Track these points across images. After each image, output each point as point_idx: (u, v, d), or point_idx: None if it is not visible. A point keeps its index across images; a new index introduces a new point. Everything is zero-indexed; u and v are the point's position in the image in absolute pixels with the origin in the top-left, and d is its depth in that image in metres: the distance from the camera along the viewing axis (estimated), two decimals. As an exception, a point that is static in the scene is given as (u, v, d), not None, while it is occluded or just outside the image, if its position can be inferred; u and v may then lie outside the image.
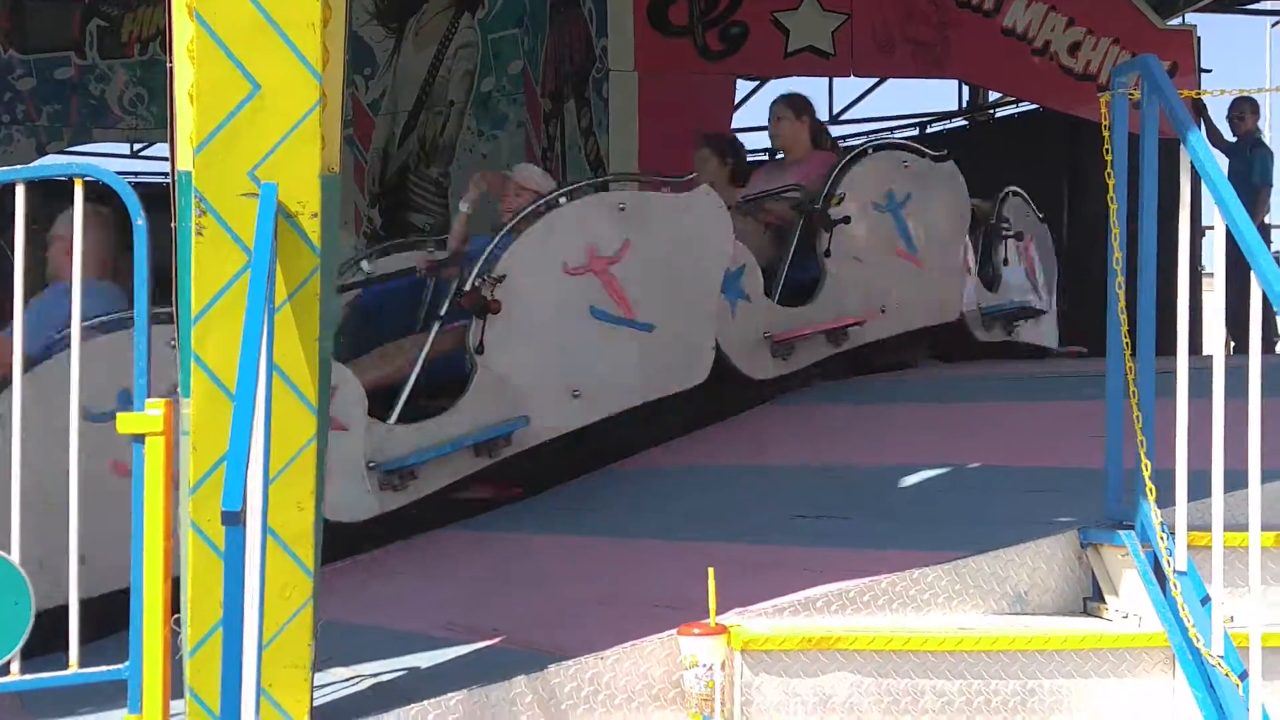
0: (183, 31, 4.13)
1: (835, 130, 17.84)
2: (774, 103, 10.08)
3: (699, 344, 8.27)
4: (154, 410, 4.37)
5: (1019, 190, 11.19)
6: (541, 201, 8.00)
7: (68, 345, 4.88)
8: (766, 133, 10.45)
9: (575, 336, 7.84)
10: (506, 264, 7.71)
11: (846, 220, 9.21)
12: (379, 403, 7.41)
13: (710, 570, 4.54)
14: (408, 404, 7.50)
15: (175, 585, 4.32)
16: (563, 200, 8.00)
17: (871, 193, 9.43)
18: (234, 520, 3.41)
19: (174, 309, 4.26)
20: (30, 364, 5.70)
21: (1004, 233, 10.75)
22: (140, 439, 4.37)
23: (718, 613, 4.57)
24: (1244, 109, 13.20)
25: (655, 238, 8.09)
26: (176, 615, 4.30)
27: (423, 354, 7.59)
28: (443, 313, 7.72)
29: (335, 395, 6.95)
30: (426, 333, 7.72)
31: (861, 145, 9.89)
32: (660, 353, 8.07)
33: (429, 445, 7.43)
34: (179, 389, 4.22)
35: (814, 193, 9.29)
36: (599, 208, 8.12)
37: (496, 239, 7.83)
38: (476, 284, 7.61)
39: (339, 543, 6.72)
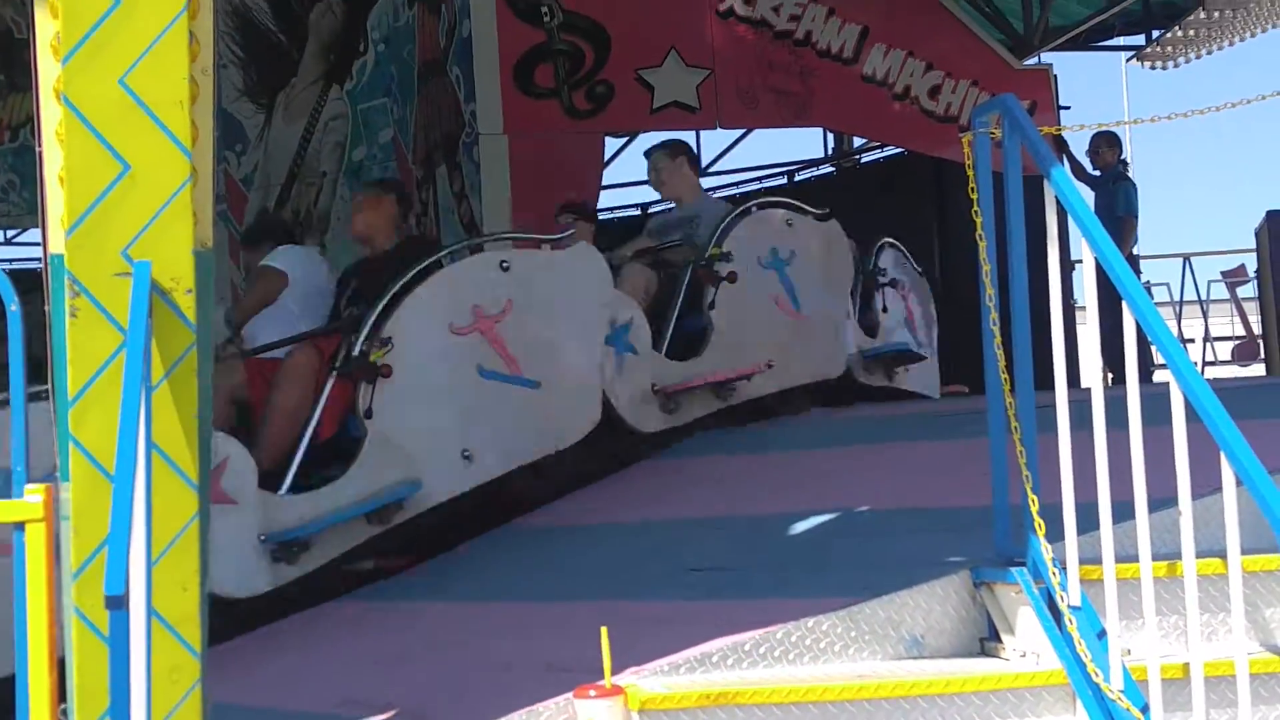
0: (50, 115, 4.11)
1: (705, 182, 18.05)
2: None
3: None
4: (33, 496, 4.30)
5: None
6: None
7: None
8: (648, 184, 10.59)
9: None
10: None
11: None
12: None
13: (603, 630, 4.50)
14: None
15: (61, 673, 4.25)
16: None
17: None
18: (118, 604, 3.35)
19: (50, 393, 4.21)
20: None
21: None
22: (20, 526, 4.30)
23: (613, 672, 4.53)
24: (1099, 144, 13.40)
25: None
26: (63, 705, 4.23)
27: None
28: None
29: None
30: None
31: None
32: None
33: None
34: (58, 473, 4.16)
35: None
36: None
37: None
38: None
39: (231, 619, 6.68)
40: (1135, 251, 13.30)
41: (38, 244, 4.70)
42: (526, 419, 8.06)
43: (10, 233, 18.86)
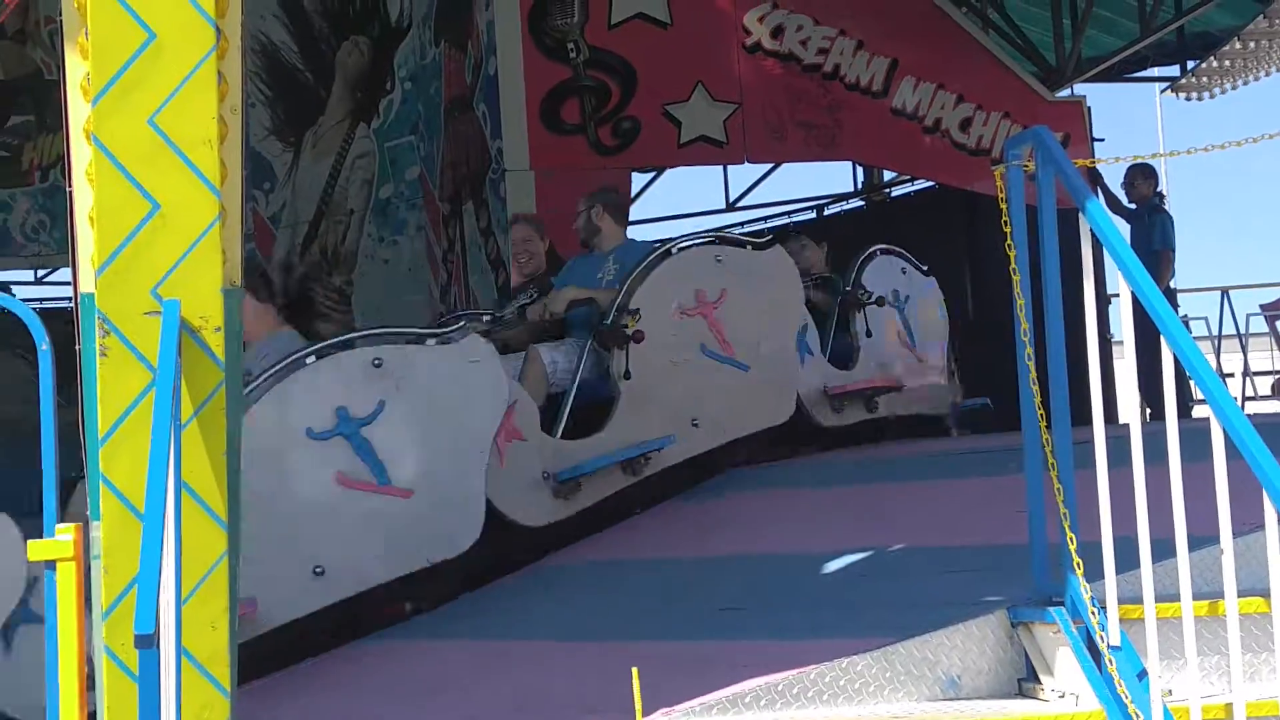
0: (80, 155, 4.16)
1: (733, 217, 18.08)
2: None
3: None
4: (64, 535, 4.31)
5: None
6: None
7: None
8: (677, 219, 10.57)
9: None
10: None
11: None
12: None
13: (634, 670, 4.47)
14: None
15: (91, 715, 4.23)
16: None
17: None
18: (148, 643, 3.36)
19: (80, 431, 4.21)
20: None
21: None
22: (51, 565, 4.30)
23: (645, 713, 4.49)
24: (1134, 176, 13.33)
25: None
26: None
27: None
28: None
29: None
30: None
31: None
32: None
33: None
34: (89, 512, 4.16)
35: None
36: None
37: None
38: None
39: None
40: (1172, 285, 13.23)
41: (68, 283, 4.71)
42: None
43: (41, 272, 18.94)
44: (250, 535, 6.45)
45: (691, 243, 9.20)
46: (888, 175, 16.98)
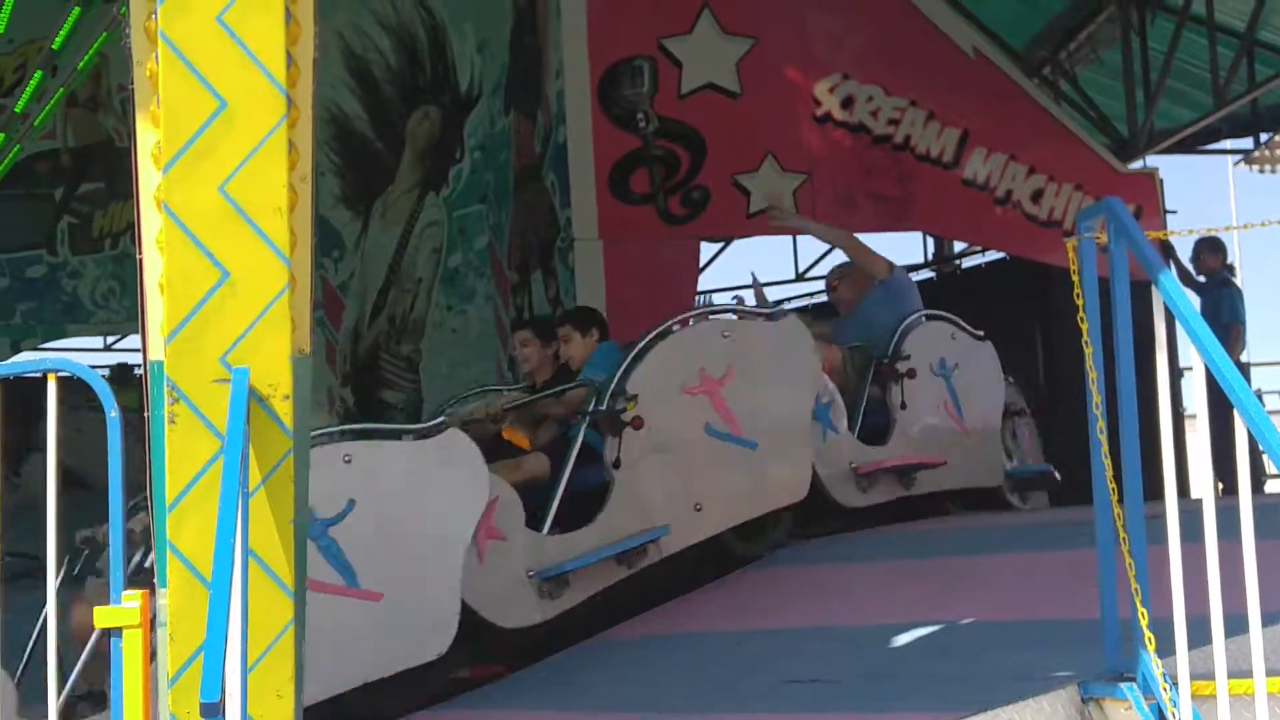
0: (150, 223, 4.17)
1: (801, 288, 18.07)
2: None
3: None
4: (130, 602, 4.31)
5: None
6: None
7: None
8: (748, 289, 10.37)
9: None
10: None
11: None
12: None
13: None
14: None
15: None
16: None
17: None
18: (213, 712, 3.36)
19: (149, 499, 4.22)
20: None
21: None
22: (118, 632, 4.30)
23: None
24: (1201, 250, 13.24)
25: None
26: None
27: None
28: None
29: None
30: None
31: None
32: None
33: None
34: (155, 579, 4.16)
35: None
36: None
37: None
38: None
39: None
40: (1244, 359, 13.12)
41: (137, 350, 4.73)
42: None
43: (110, 339, 19.10)
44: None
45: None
46: (958, 246, 16.93)
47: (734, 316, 9.01)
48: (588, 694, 6.90)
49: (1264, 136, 17.19)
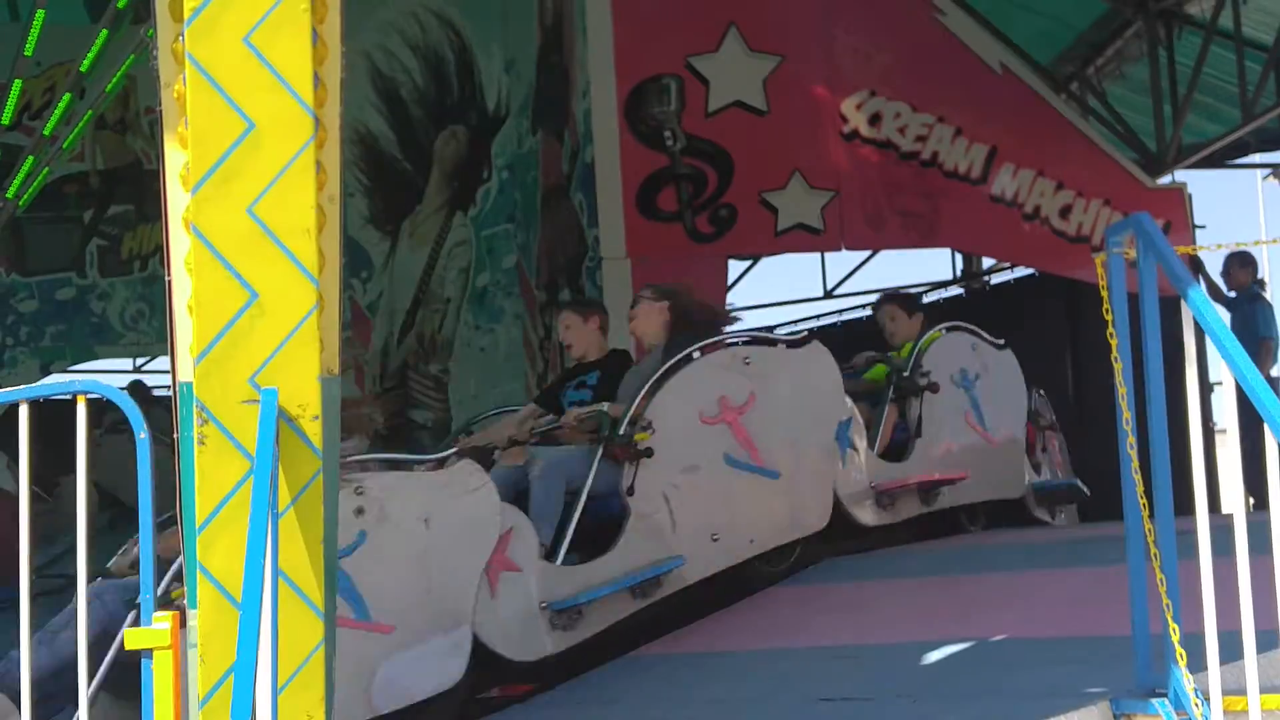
0: (179, 244, 4.17)
1: (831, 305, 18.06)
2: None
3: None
4: (161, 624, 4.31)
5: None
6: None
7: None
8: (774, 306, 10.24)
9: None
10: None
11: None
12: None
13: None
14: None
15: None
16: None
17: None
18: (244, 733, 3.34)
19: (178, 520, 4.22)
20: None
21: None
22: (148, 653, 4.30)
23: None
24: (1231, 264, 13.18)
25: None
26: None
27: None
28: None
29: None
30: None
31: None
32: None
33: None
34: (185, 600, 4.16)
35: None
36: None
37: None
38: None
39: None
40: (1274, 373, 13.06)
41: (166, 372, 4.73)
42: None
43: (139, 361, 19.16)
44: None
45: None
46: (987, 262, 16.92)
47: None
48: (615, 712, 6.89)
49: (1293, 149, 17.18)
